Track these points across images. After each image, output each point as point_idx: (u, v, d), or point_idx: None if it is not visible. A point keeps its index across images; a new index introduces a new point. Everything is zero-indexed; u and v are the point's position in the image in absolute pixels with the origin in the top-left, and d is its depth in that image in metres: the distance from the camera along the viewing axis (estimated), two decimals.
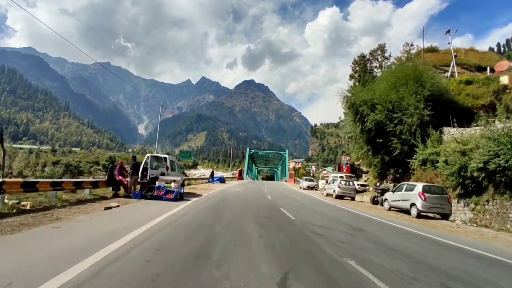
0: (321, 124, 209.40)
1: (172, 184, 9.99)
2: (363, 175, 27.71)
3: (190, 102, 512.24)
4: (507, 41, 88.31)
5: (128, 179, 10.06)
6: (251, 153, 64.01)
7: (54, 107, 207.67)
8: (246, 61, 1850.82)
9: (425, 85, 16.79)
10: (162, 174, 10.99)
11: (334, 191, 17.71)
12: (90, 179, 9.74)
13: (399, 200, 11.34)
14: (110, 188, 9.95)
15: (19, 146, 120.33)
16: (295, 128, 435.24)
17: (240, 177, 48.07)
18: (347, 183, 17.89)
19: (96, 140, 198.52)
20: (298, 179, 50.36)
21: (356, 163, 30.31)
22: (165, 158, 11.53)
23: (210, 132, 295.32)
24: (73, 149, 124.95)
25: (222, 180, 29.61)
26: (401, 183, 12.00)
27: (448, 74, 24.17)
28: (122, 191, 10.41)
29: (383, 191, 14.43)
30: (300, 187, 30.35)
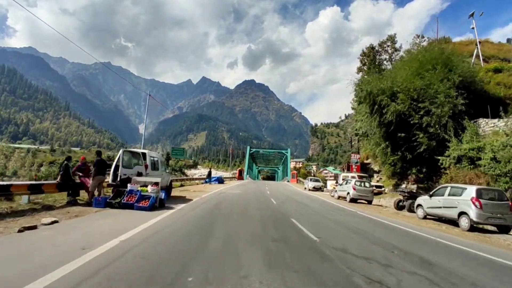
0: (321, 124, 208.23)
1: (149, 188, 7.62)
2: (375, 175, 25.29)
3: (191, 102, 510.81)
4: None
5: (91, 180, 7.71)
6: (251, 152, 61.63)
7: (54, 107, 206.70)
8: (247, 61, 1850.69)
9: (455, 70, 14.42)
10: (139, 174, 8.64)
11: (348, 193, 15.31)
12: (32, 182, 7.37)
13: (440, 207, 8.93)
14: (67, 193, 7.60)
15: (17, 145, 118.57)
16: (295, 128, 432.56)
17: (240, 177, 45.75)
18: (363, 184, 15.48)
19: (97, 140, 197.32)
20: (301, 179, 47.94)
21: (366, 161, 27.90)
22: (143, 154, 9.16)
23: (211, 132, 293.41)
24: (73, 148, 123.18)
25: (220, 180, 27.22)
26: (442, 186, 9.58)
27: (472, 62, 21.72)
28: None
29: (411, 195, 12.03)
30: (305, 188, 27.96)
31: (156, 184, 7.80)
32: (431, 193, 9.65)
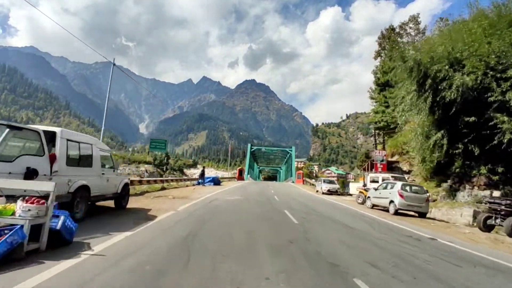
0: (322, 124, 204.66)
1: (18, 206, 3.21)
2: (405, 176, 20.77)
3: (191, 101, 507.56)
4: None
5: None
6: (252, 150, 57.10)
7: (55, 106, 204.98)
8: (248, 61, 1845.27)
9: None
10: (31, 173, 4.25)
11: (392, 202, 10.85)
12: None
13: None
14: None
15: None
16: (296, 128, 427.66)
17: (240, 177, 41.38)
18: (411, 189, 11.00)
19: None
20: (307, 179, 43.41)
21: (390, 159, 23.36)
22: (49, 133, 4.69)
23: (211, 131, 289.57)
24: None
25: (216, 181, 22.71)
26: None
27: None
28: None
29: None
30: (317, 191, 23.56)
31: (42, 197, 3.39)
32: None
